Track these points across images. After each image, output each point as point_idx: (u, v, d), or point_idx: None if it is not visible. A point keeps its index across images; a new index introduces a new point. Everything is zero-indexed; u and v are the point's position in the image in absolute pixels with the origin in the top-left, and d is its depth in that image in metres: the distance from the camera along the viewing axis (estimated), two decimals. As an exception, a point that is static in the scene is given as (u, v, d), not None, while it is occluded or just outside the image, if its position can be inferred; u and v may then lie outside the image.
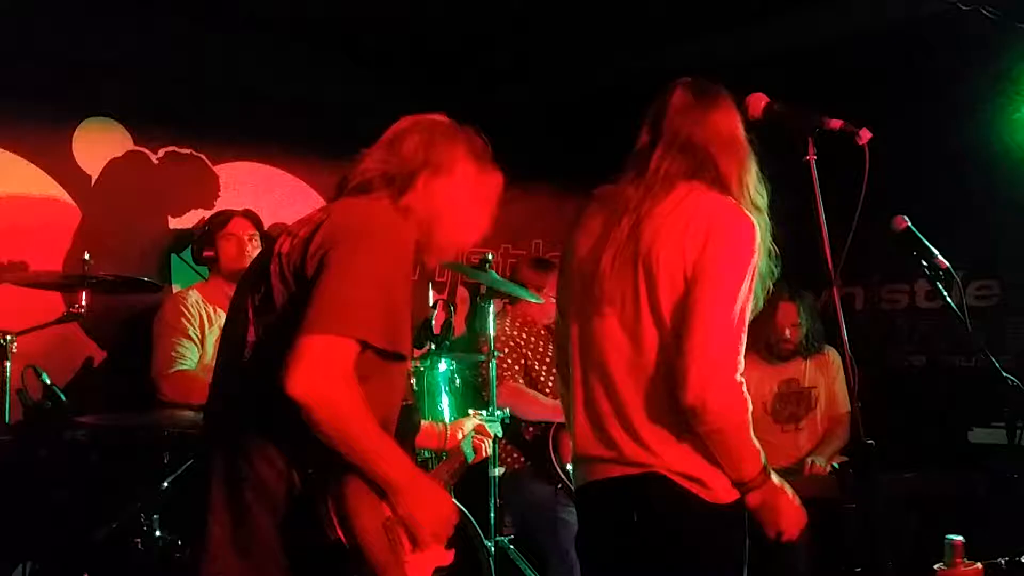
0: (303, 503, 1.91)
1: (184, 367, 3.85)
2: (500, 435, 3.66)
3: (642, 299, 2.21)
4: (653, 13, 4.55)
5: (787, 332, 4.61)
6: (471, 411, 3.71)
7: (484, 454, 2.64)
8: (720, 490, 2.21)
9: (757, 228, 2.22)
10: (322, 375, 1.81)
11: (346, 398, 1.84)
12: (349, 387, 1.85)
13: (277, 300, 1.97)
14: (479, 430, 2.60)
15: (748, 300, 2.17)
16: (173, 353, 3.87)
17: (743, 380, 2.13)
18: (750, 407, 2.14)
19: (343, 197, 2.14)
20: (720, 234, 2.15)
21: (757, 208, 2.30)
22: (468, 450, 3.14)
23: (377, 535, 1.92)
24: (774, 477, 2.27)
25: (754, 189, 2.31)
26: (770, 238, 2.31)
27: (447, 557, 2.14)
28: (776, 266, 2.34)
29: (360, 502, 1.90)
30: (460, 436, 2.84)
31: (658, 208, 2.21)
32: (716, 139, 2.29)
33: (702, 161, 2.27)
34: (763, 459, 2.23)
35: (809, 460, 4.42)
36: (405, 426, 2.20)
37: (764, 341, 4.69)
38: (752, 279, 2.18)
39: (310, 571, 1.93)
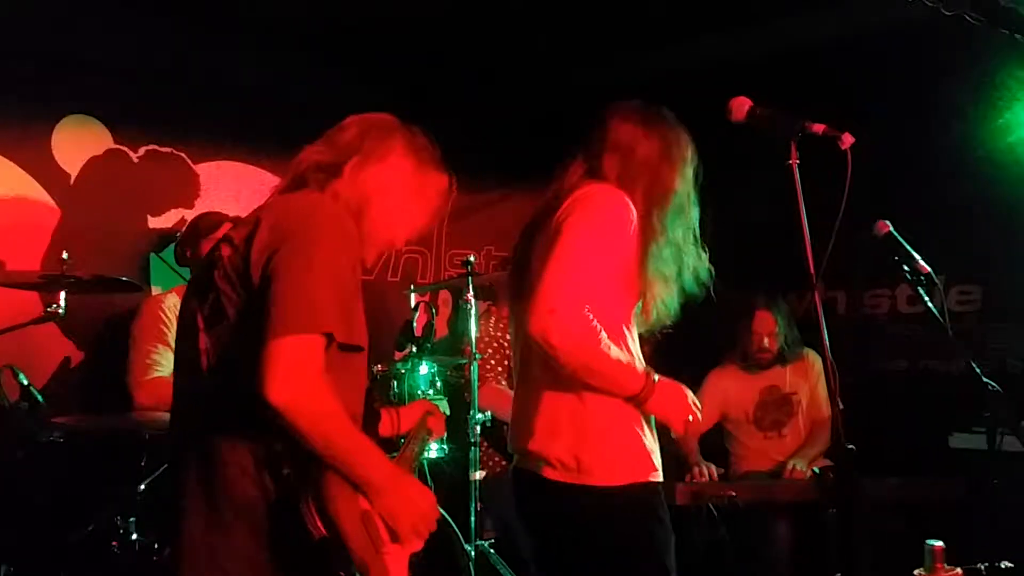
0: (281, 505, 1.89)
1: (159, 374, 3.80)
2: (448, 413, 3.71)
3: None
4: (641, 16, 4.55)
5: (765, 341, 4.62)
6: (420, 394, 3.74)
7: (442, 433, 2.70)
8: (603, 475, 2.27)
9: (626, 203, 2.31)
10: (299, 378, 1.80)
11: (324, 400, 1.84)
12: (326, 388, 1.84)
13: (227, 308, 1.94)
14: (431, 411, 2.62)
15: (600, 258, 2.24)
16: (148, 360, 3.83)
17: (590, 316, 2.19)
18: (602, 334, 2.21)
19: (278, 194, 2.13)
20: (576, 204, 2.30)
21: (655, 192, 2.39)
22: (444, 406, 3.17)
23: (357, 528, 1.90)
24: (662, 384, 2.33)
25: (659, 176, 2.39)
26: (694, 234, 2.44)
27: (418, 544, 2.12)
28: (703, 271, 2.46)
29: (338, 495, 1.88)
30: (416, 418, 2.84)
31: (552, 211, 2.37)
32: (618, 148, 2.42)
33: (598, 164, 2.42)
34: (640, 368, 2.31)
35: (790, 464, 4.42)
36: (367, 415, 2.21)
37: (742, 350, 4.69)
38: (610, 242, 2.26)
39: (295, 572, 1.90)
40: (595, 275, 2.22)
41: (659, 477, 2.36)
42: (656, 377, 2.31)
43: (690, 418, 2.35)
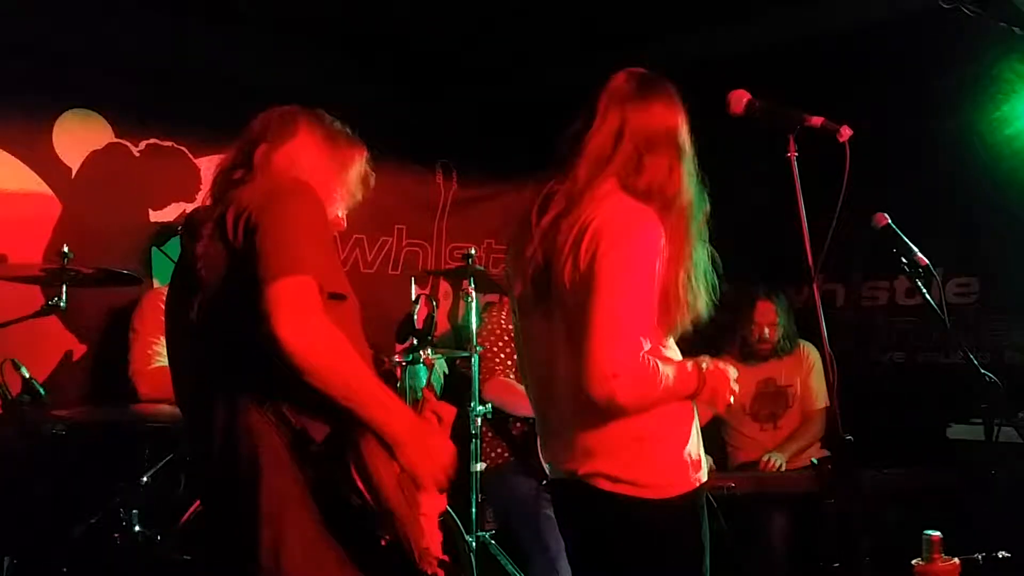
0: (318, 480, 1.90)
1: (161, 363, 3.82)
2: (445, 371, 3.64)
3: (555, 307, 2.24)
4: (637, 10, 4.56)
5: (766, 331, 4.63)
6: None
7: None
8: (659, 488, 2.21)
9: (658, 227, 2.17)
10: (304, 314, 1.81)
11: (334, 336, 1.84)
12: (332, 325, 1.84)
13: (214, 282, 1.96)
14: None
15: (647, 296, 2.13)
16: (150, 351, 3.84)
17: (645, 356, 2.10)
18: (659, 369, 2.12)
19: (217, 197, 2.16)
20: (610, 238, 2.12)
21: (680, 207, 2.24)
22: (441, 364, 3.04)
23: (396, 491, 1.91)
24: (707, 367, 2.25)
25: (683, 188, 2.26)
26: (706, 238, 2.30)
27: (443, 502, 2.15)
28: (716, 267, 2.33)
29: (377, 459, 1.89)
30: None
31: (571, 215, 2.21)
32: (642, 135, 2.26)
33: (622, 157, 2.24)
34: (689, 368, 2.22)
35: (767, 456, 4.45)
36: None
37: (741, 340, 4.70)
38: (652, 276, 2.14)
39: (341, 541, 1.91)
40: (642, 310, 2.12)
41: (705, 476, 2.31)
42: (704, 366, 2.24)
43: (731, 399, 2.30)
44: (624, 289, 2.10)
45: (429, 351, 3.48)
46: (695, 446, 2.30)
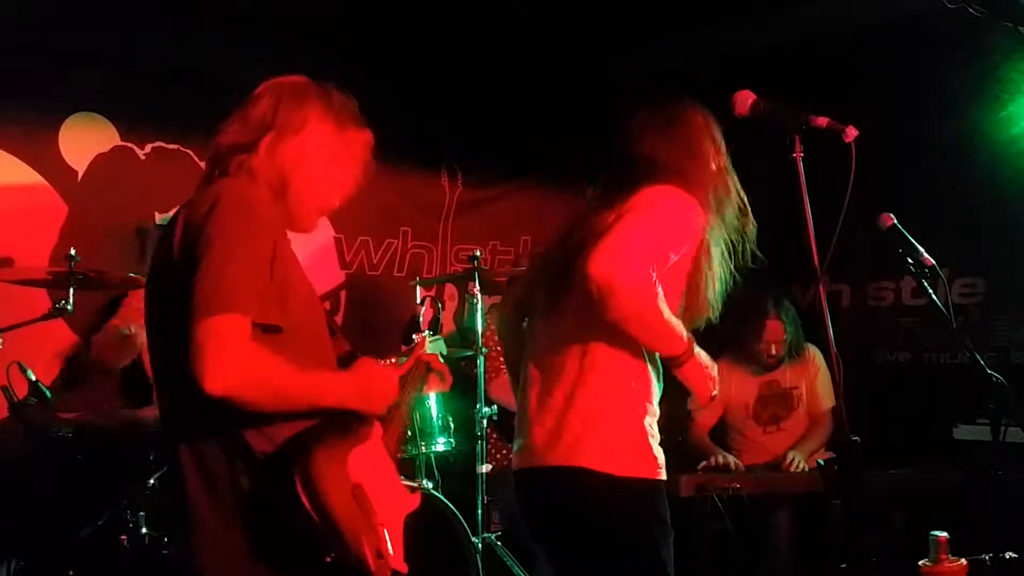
0: (264, 493, 1.87)
1: None
2: (444, 353, 3.61)
3: (566, 305, 2.31)
4: (640, 10, 4.56)
5: (773, 348, 4.62)
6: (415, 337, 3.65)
7: (446, 386, 2.62)
8: (608, 463, 2.26)
9: (696, 206, 2.29)
10: (224, 358, 1.77)
11: (259, 365, 1.81)
12: (256, 354, 1.81)
13: (169, 304, 1.92)
14: (430, 364, 2.53)
15: (663, 241, 2.23)
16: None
17: (651, 272, 2.18)
18: (660, 294, 2.20)
19: (198, 187, 2.11)
20: (645, 198, 2.26)
21: (722, 214, 2.39)
22: (440, 346, 3.07)
23: (348, 506, 1.88)
24: (699, 353, 2.35)
25: (721, 194, 2.39)
26: (728, 242, 2.43)
27: (413, 502, 2.14)
28: (737, 275, 2.45)
29: (327, 474, 1.86)
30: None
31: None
32: (675, 155, 2.38)
33: (659, 162, 2.36)
34: (686, 336, 2.31)
35: (789, 456, 4.43)
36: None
37: (747, 352, 4.69)
38: (673, 230, 2.25)
39: (284, 559, 1.88)
40: (659, 254, 2.21)
41: (663, 476, 2.34)
42: (695, 346, 2.32)
43: (714, 393, 2.38)
44: (646, 225, 2.21)
45: (426, 333, 3.43)
46: (654, 441, 2.35)
